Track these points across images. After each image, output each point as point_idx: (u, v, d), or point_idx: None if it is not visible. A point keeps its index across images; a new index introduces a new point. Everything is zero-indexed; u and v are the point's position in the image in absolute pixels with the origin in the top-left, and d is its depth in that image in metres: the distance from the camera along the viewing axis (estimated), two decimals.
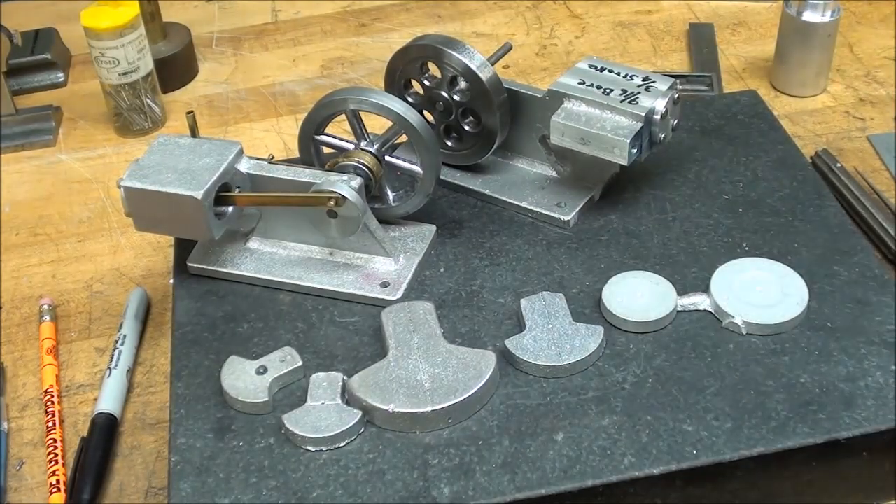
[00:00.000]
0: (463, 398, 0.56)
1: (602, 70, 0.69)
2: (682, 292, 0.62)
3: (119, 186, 0.63)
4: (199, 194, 0.62)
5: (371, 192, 0.66)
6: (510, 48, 0.76)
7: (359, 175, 0.65)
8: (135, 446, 0.66)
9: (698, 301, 0.62)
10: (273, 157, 0.67)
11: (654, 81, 0.68)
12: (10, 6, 1.12)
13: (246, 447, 0.56)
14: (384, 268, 0.66)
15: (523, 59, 1.01)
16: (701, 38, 1.01)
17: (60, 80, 1.03)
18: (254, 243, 0.68)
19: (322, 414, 0.56)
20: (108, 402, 0.67)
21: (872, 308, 0.61)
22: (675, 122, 0.69)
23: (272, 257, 0.68)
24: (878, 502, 0.59)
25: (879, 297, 0.62)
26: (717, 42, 1.01)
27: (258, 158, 0.66)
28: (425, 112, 0.72)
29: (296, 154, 0.71)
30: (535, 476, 0.53)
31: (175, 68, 1.00)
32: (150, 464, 0.65)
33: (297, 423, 0.56)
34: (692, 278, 0.64)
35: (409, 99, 0.73)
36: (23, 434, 0.68)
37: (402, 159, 0.68)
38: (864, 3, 1.05)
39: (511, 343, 0.59)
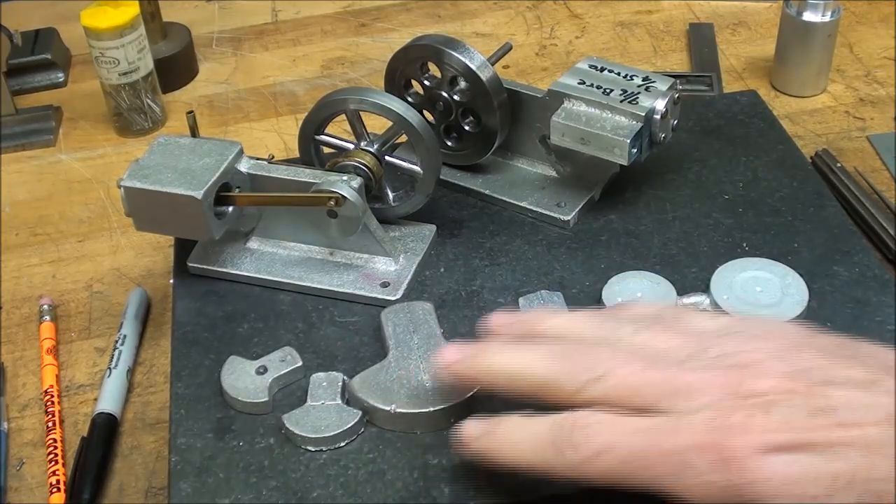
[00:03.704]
0: (464, 398, 0.56)
1: (602, 70, 0.69)
2: (682, 292, 0.62)
3: (119, 186, 0.63)
4: (199, 194, 0.62)
5: (371, 192, 0.66)
6: (510, 48, 0.76)
7: (359, 175, 0.65)
8: (135, 446, 0.66)
9: (698, 301, 0.62)
10: (273, 157, 0.67)
11: (654, 81, 0.68)
12: (10, 6, 1.12)
13: (246, 447, 0.56)
14: (384, 268, 0.66)
15: (523, 59, 1.01)
16: (701, 38, 1.01)
17: (60, 80, 1.03)
18: (254, 243, 0.68)
19: (322, 414, 0.56)
20: (108, 402, 0.67)
21: (872, 308, 0.61)
22: (675, 122, 0.69)
23: (272, 257, 0.68)
24: None
25: (879, 297, 0.62)
26: (717, 42, 1.01)
27: (258, 158, 0.66)
28: (425, 112, 0.72)
29: (296, 154, 0.71)
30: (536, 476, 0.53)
31: (175, 68, 1.00)
32: (150, 464, 0.65)
33: (297, 423, 0.56)
34: (692, 278, 0.64)
35: (409, 99, 0.73)
36: (23, 434, 0.68)
37: (402, 159, 0.68)
38: (864, 3, 1.05)
39: None
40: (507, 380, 0.49)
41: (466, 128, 0.72)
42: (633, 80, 0.68)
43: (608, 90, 0.67)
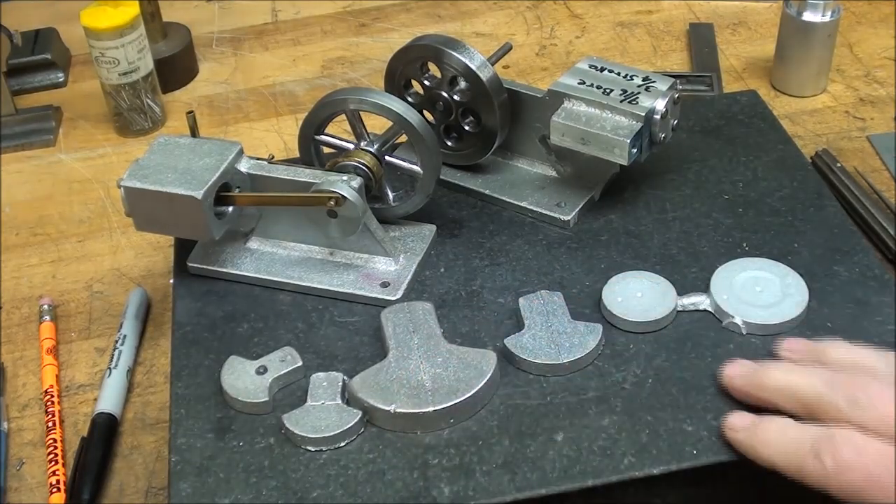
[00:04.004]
0: (464, 398, 0.56)
1: (602, 70, 0.69)
2: (682, 292, 0.62)
3: (119, 186, 0.63)
4: (199, 194, 0.62)
5: (371, 192, 0.66)
6: (510, 48, 0.76)
7: (359, 175, 0.65)
8: (135, 446, 0.66)
9: (698, 301, 0.62)
10: (273, 157, 0.67)
11: (654, 81, 0.68)
12: (10, 6, 1.12)
13: (246, 447, 0.56)
14: (384, 268, 0.66)
15: (523, 59, 1.01)
16: (701, 38, 1.01)
17: (60, 80, 1.03)
18: (254, 243, 0.68)
19: (322, 414, 0.56)
20: (108, 402, 0.67)
21: (872, 308, 0.61)
22: (675, 122, 0.69)
23: (272, 257, 0.68)
24: None
25: (879, 297, 0.62)
26: (717, 42, 1.01)
27: (258, 158, 0.66)
28: (425, 112, 0.72)
29: (296, 154, 0.71)
30: (535, 476, 0.53)
31: (175, 68, 1.00)
32: (150, 464, 0.65)
33: (297, 423, 0.56)
34: (692, 278, 0.64)
35: (409, 99, 0.73)
36: (23, 434, 0.68)
37: (402, 159, 0.68)
38: (864, 3, 1.05)
39: (510, 342, 0.59)
40: (778, 395, 0.53)
41: (466, 128, 0.72)
42: (633, 80, 0.68)
43: (608, 90, 0.67)
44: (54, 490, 0.63)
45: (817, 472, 0.49)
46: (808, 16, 0.88)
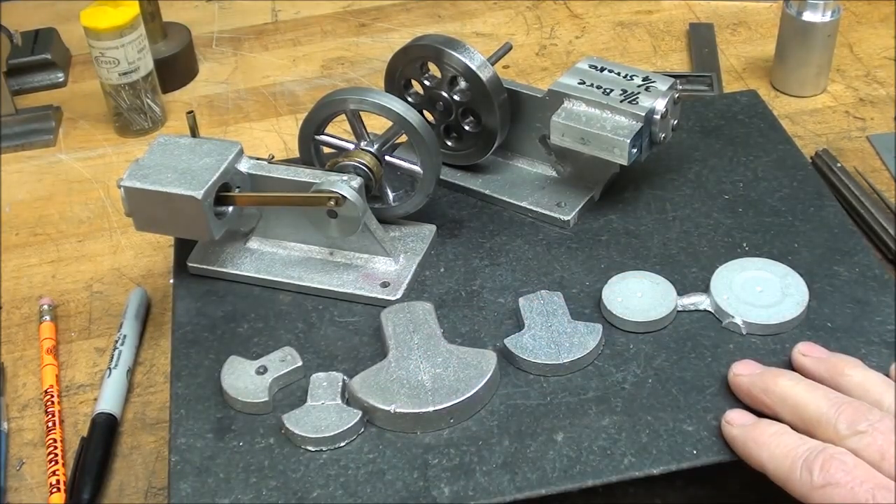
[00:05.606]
0: (464, 398, 0.56)
1: (602, 70, 0.69)
2: (682, 292, 0.62)
3: (119, 186, 0.63)
4: (199, 194, 0.62)
5: (371, 192, 0.66)
6: (510, 48, 0.76)
7: (359, 175, 0.65)
8: (135, 446, 0.66)
9: (698, 301, 0.62)
10: (273, 157, 0.67)
11: (654, 81, 0.68)
12: (10, 6, 1.12)
13: (246, 447, 0.56)
14: (384, 268, 0.66)
15: (523, 59, 1.01)
16: (701, 38, 1.01)
17: (60, 80, 1.03)
18: (254, 243, 0.68)
19: (322, 414, 0.56)
20: (108, 402, 0.67)
21: (872, 308, 0.61)
22: (675, 122, 0.69)
23: (272, 257, 0.68)
24: None
25: (879, 297, 0.62)
26: (717, 42, 1.01)
27: (258, 158, 0.66)
28: (425, 112, 0.72)
29: (296, 154, 0.71)
30: (535, 476, 0.53)
31: (175, 68, 1.00)
32: (150, 464, 0.65)
33: (297, 423, 0.56)
34: (692, 278, 0.64)
35: (409, 99, 0.73)
36: (23, 434, 0.68)
37: (402, 159, 0.68)
38: (864, 3, 1.05)
39: (510, 342, 0.59)
40: (781, 404, 0.53)
41: (466, 128, 0.72)
42: (633, 80, 0.68)
43: (608, 90, 0.67)
44: (54, 490, 0.63)
45: (803, 484, 0.49)
46: (808, 16, 0.88)
